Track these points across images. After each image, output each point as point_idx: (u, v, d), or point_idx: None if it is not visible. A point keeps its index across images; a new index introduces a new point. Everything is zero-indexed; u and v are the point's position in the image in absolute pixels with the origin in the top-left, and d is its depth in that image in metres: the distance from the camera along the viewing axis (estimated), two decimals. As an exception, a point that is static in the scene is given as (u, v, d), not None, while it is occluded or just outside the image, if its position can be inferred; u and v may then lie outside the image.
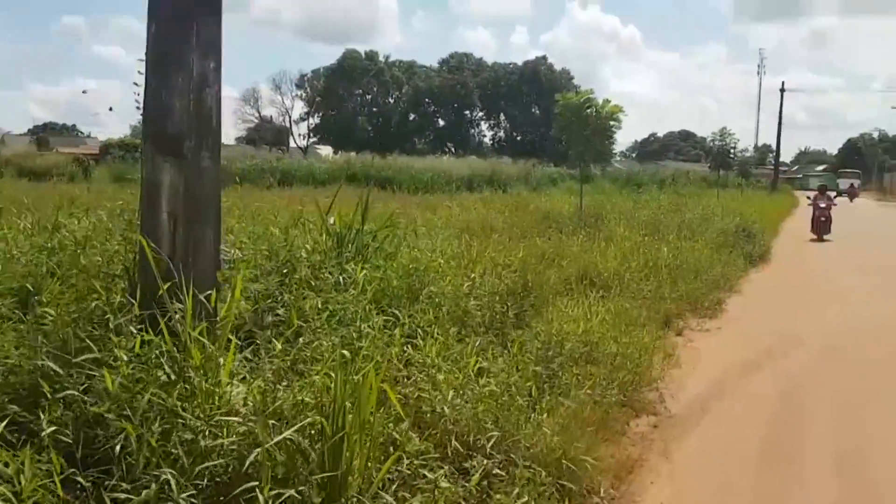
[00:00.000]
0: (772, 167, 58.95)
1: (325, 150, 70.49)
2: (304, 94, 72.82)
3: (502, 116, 79.78)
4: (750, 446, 4.47)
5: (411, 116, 74.08)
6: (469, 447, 3.40)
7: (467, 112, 78.25)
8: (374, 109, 73.88)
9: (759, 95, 73.21)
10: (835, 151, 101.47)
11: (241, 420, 2.73)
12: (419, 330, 4.69)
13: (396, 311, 4.83)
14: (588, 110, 13.20)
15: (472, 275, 5.81)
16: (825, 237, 18.43)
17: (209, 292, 3.49)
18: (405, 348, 4.13)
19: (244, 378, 3.18)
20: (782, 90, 56.20)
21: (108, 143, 47.41)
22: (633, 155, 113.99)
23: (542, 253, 8.65)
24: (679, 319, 7.97)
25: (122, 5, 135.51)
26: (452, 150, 75.40)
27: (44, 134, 65.48)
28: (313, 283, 4.63)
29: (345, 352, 2.87)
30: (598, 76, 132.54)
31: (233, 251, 4.97)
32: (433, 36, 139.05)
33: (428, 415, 3.50)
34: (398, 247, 6.25)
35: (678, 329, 7.60)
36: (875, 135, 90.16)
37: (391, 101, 74.07)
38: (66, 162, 32.77)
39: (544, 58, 78.87)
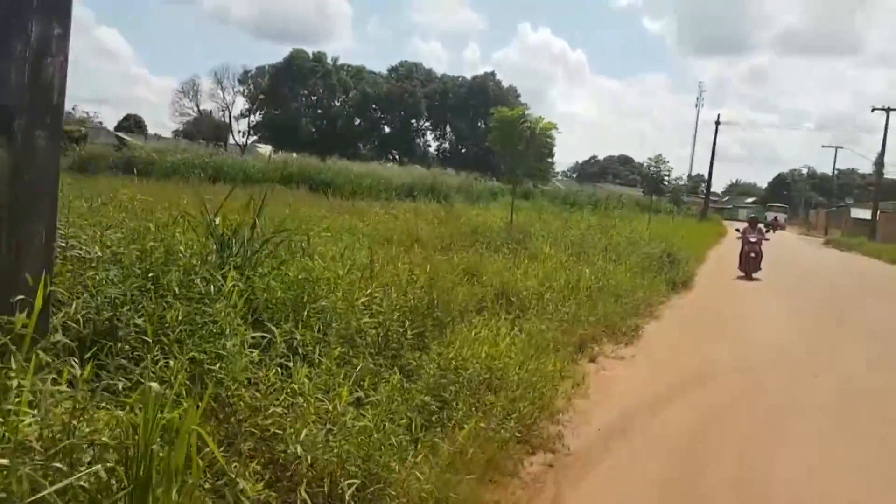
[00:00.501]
0: (703, 196, 60.73)
1: (266, 149, 68.79)
2: (246, 91, 71.01)
3: (448, 128, 79.82)
4: (648, 493, 4.16)
5: (357, 121, 73.22)
6: (325, 497, 2.94)
7: (414, 121, 77.96)
8: (319, 111, 72.67)
9: (696, 126, 75.65)
10: (765, 185, 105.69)
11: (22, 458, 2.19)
12: (299, 349, 4.22)
13: (275, 327, 4.33)
14: (523, 126, 12.99)
15: (370, 289, 5.34)
16: (754, 276, 16.30)
17: (21, 297, 2.92)
18: (269, 371, 3.63)
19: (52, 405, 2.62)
20: (717, 122, 58.13)
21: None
22: (574, 176, 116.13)
23: (460, 268, 8.27)
24: (594, 344, 7.72)
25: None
26: (397, 157, 74.95)
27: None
28: (178, 291, 4.08)
29: (154, 384, 2.35)
30: (546, 96, 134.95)
31: (94, 250, 4.38)
32: (386, 43, 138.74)
33: (282, 455, 3.02)
34: (294, 254, 5.74)
35: (592, 355, 7.33)
36: (804, 171, 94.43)
37: (337, 104, 73.01)
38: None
39: (493, 74, 79.48)
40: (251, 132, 72.75)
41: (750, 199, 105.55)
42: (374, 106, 72.54)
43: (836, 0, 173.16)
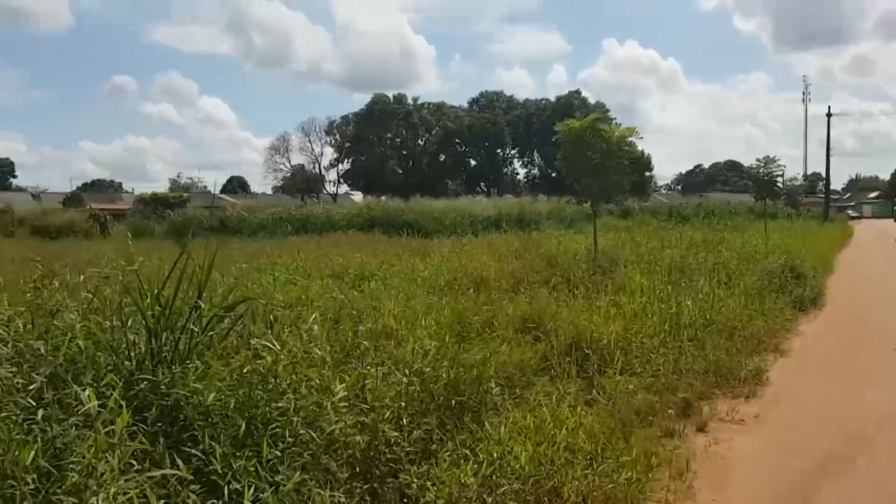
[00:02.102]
0: (822, 196, 55.56)
1: (358, 197, 69.85)
2: (333, 141, 72.57)
3: (536, 154, 78.15)
4: None
5: (441, 157, 73.03)
6: None
7: (499, 151, 76.91)
8: (404, 153, 73.13)
9: (805, 123, 69.95)
10: (888, 177, 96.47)
11: None
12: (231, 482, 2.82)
13: (208, 449, 2.97)
14: (595, 137, 11.27)
15: (359, 371, 3.88)
16: None
17: None
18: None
19: None
20: (829, 115, 53.29)
21: (140, 198, 47.41)
22: (679, 188, 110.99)
23: (517, 315, 6.67)
24: (704, 403, 5.87)
25: (169, 62, 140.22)
26: (485, 189, 74.01)
27: (78, 191, 66.43)
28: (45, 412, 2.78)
29: None
30: (639, 110, 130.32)
31: None
32: (469, 78, 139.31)
33: None
34: (277, 327, 4.37)
35: (700, 421, 5.48)
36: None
37: (421, 143, 73.24)
38: (82, 219, 32.18)
39: (577, 92, 77.39)
40: (340, 181, 74.11)
41: (873, 194, 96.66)
42: (456, 140, 72.17)
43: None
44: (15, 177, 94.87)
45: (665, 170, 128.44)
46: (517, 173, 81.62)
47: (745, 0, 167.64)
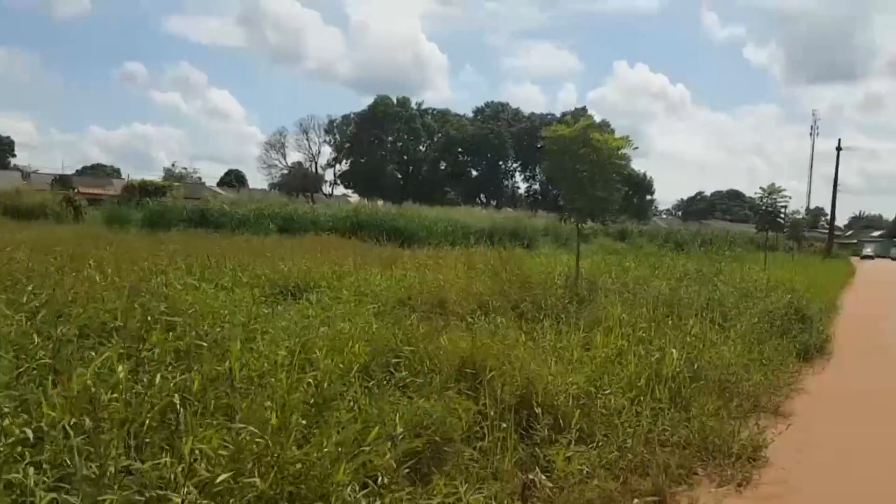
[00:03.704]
0: (824, 231, 54.29)
1: (355, 199, 68.38)
2: (332, 140, 71.23)
3: (538, 168, 76.96)
4: None
5: (442, 165, 71.74)
6: None
7: (501, 163, 75.66)
8: (405, 157, 71.83)
9: (811, 157, 68.82)
10: (891, 216, 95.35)
11: None
12: None
13: None
14: (584, 147, 9.93)
15: None
16: None
17: None
18: None
19: None
20: (839, 148, 52.07)
21: (130, 184, 46.03)
22: (679, 213, 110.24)
23: (461, 357, 5.27)
24: (681, 493, 4.49)
25: (181, 52, 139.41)
26: (485, 201, 72.74)
27: (70, 174, 64.95)
28: None
29: None
30: (645, 134, 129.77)
31: None
32: (479, 89, 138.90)
33: None
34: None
35: (675, 521, 4.11)
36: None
37: (422, 148, 71.93)
38: (55, 201, 30.77)
39: (584, 109, 76.22)
40: (337, 181, 72.76)
41: (876, 233, 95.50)
42: (459, 149, 70.88)
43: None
44: (14, 156, 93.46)
45: (667, 195, 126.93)
46: (518, 187, 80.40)
47: (758, 31, 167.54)
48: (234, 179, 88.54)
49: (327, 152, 72.29)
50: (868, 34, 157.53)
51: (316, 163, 71.89)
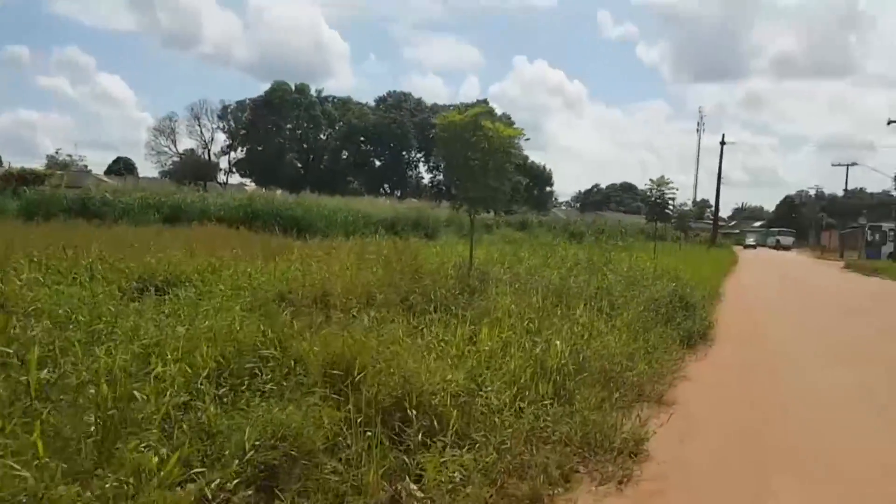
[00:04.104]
0: (710, 221, 57.40)
1: (253, 187, 65.83)
2: (226, 127, 68.24)
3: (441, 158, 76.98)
4: None
5: (344, 154, 70.36)
6: None
7: (405, 153, 75.11)
8: (304, 145, 69.86)
9: (698, 151, 72.65)
10: (771, 208, 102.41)
11: None
12: None
13: None
14: (477, 135, 9.68)
15: None
16: None
17: None
18: None
19: None
20: (722, 143, 55.07)
21: (7, 172, 42.22)
22: (577, 205, 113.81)
23: (330, 357, 4.84)
24: (561, 496, 4.27)
25: (68, 36, 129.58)
26: (389, 191, 72.04)
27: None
28: None
29: None
30: (545, 128, 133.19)
31: None
32: (384, 79, 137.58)
33: None
34: None
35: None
36: (812, 192, 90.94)
37: (323, 137, 70.23)
38: None
39: (485, 101, 76.77)
40: (232, 169, 69.87)
41: (757, 223, 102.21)
42: (361, 138, 69.71)
43: (829, 24, 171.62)
44: None
45: (566, 187, 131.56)
46: (422, 177, 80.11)
47: (648, 31, 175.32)
48: (122, 167, 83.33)
49: (221, 139, 69.25)
50: (750, 35, 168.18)
51: (209, 150, 68.75)
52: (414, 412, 4.41)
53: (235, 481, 3.45)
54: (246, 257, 11.74)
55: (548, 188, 78.05)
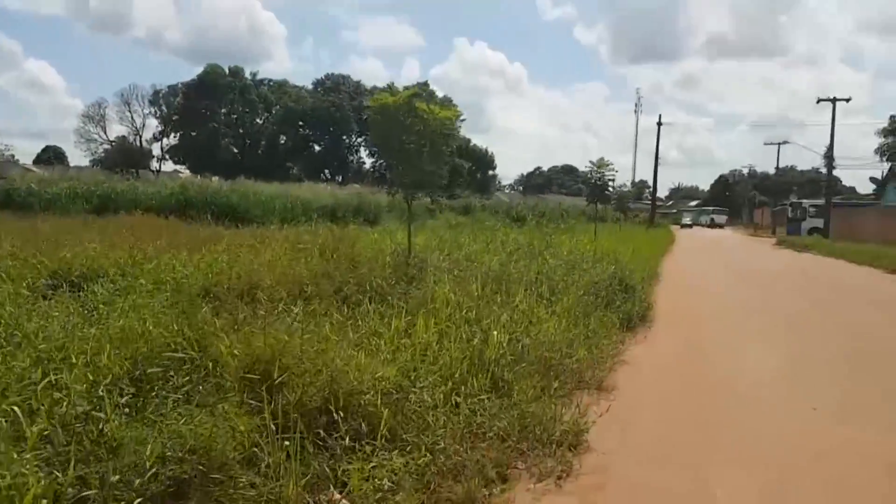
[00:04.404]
0: (648, 202, 58.59)
1: (188, 175, 63.63)
2: (158, 112, 65.64)
3: (383, 143, 75.94)
4: None
5: (283, 139, 68.68)
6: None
7: (345, 137, 73.85)
8: (241, 131, 67.85)
9: (636, 132, 73.89)
10: (707, 187, 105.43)
11: None
12: None
13: None
14: (410, 118, 9.36)
15: None
16: None
17: None
18: None
19: None
20: (659, 123, 56.10)
21: None
22: (520, 188, 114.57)
23: (250, 359, 4.49)
24: (496, 496, 4.07)
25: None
26: (330, 177, 70.81)
27: None
28: None
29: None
30: (487, 110, 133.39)
31: None
32: (323, 63, 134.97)
33: None
34: None
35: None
36: (745, 171, 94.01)
37: (260, 121, 68.35)
38: None
39: (426, 84, 76.09)
40: (165, 156, 67.40)
41: (693, 203, 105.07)
42: (300, 122, 68.12)
43: (760, 4, 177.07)
44: None
45: (509, 170, 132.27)
46: (363, 162, 79.06)
47: (586, 12, 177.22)
48: (52, 156, 79.37)
49: (154, 125, 66.58)
50: (684, 17, 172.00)
51: (141, 136, 66.08)
52: (341, 415, 4.13)
53: (137, 501, 3.11)
54: (173, 248, 11.17)
55: (490, 172, 78.15)
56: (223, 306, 6.68)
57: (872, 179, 65.47)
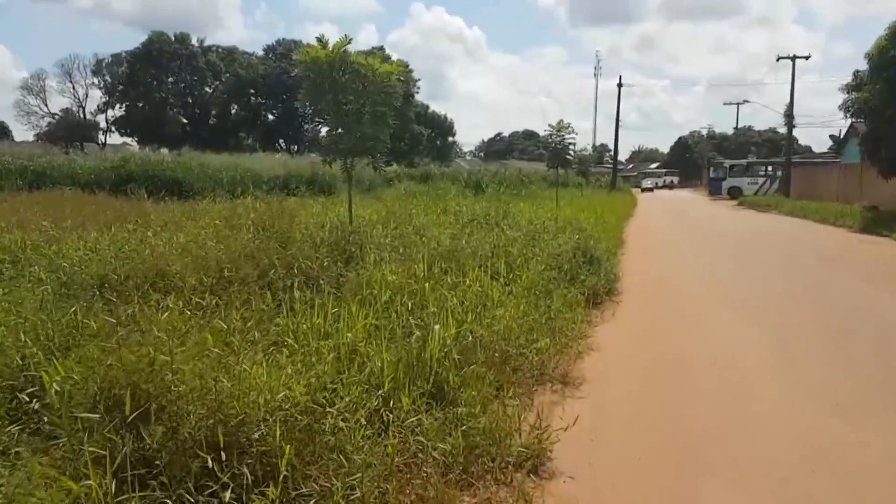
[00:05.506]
0: (609, 165, 58.09)
1: (135, 148, 60.82)
2: (102, 83, 62.28)
3: (339, 111, 73.64)
4: None
5: (234, 108, 65.99)
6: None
7: (299, 105, 71.31)
8: (189, 100, 64.91)
9: (595, 96, 73.11)
10: (667, 150, 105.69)
11: None
12: None
13: None
14: (346, 74, 8.19)
15: None
16: None
17: None
18: None
19: None
20: (619, 85, 55.28)
21: None
22: (482, 154, 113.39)
23: (108, 381, 3.41)
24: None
25: None
26: (284, 146, 68.49)
27: None
28: None
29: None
30: (446, 76, 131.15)
31: None
32: (277, 29, 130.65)
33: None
34: None
35: None
36: (704, 132, 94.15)
37: (209, 90, 65.45)
38: None
39: (381, 48, 73.81)
40: (111, 128, 64.23)
41: (654, 165, 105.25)
42: (251, 91, 65.40)
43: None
44: None
45: (469, 137, 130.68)
46: (319, 131, 76.72)
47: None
48: (-4, 131, 75.28)
49: (98, 96, 63.28)
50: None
51: (84, 108, 62.77)
52: (223, 457, 3.09)
53: None
54: (86, 229, 9.89)
55: (450, 138, 76.64)
56: (114, 300, 5.57)
57: (832, 137, 65.93)
